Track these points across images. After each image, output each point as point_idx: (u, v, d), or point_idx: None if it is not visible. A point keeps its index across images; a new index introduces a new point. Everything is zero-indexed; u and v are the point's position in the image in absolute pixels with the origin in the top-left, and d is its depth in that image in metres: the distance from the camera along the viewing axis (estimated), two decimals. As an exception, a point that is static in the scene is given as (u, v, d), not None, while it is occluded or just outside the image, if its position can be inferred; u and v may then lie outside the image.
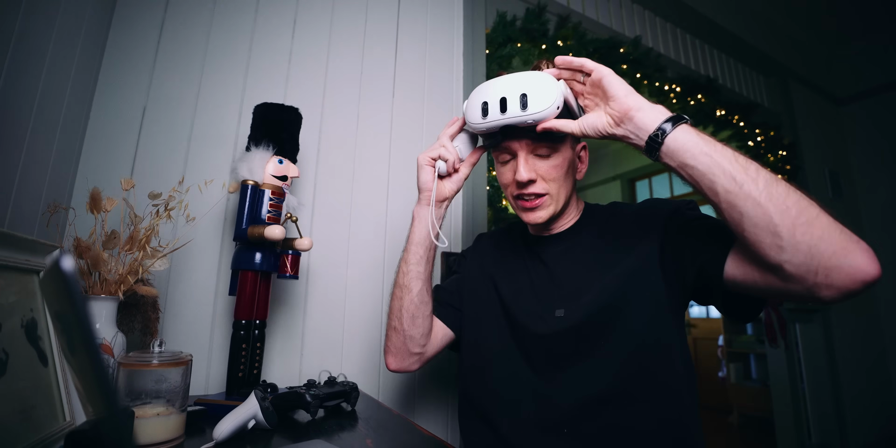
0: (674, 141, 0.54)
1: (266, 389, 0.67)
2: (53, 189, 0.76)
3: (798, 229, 0.48)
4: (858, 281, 0.46)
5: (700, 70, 2.23)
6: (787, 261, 0.49)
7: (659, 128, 0.55)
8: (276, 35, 1.11)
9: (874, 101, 3.02)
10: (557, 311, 0.71)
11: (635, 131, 0.57)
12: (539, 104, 0.63)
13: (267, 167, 0.79)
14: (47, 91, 0.70)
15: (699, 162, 0.53)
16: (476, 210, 1.30)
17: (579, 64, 0.63)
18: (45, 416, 0.48)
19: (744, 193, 0.50)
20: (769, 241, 0.49)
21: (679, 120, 0.56)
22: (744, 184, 0.50)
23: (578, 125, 0.62)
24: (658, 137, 0.55)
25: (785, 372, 2.25)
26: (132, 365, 0.54)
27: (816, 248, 0.47)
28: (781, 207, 0.48)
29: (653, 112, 0.57)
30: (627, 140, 0.59)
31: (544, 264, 0.77)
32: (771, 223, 0.49)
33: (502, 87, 0.66)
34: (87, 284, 0.68)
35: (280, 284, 1.00)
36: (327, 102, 1.14)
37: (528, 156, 0.71)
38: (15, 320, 0.48)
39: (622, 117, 0.58)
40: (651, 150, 0.56)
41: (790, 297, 0.54)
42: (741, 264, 0.56)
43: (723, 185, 0.51)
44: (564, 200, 0.74)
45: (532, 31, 1.52)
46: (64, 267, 0.25)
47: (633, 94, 0.58)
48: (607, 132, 0.60)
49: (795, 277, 0.49)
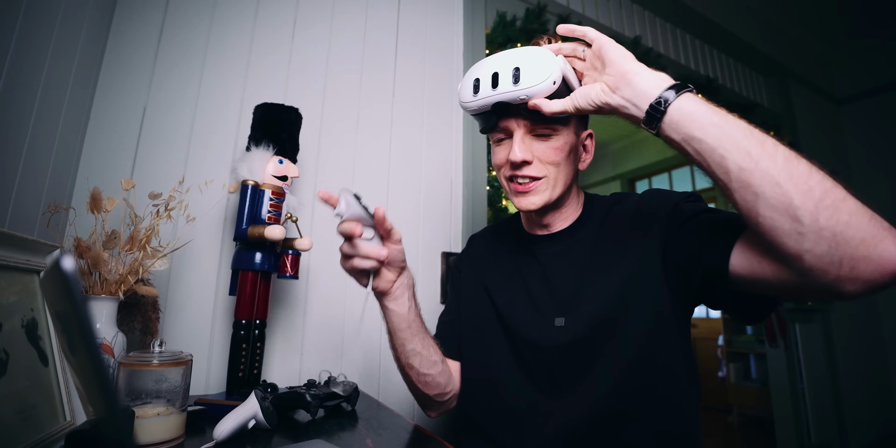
0: (678, 110, 0.48)
1: (266, 389, 0.67)
2: (54, 189, 0.76)
3: (822, 213, 0.41)
4: (888, 272, 0.40)
5: (700, 70, 2.23)
6: (808, 250, 0.42)
7: (661, 95, 0.49)
8: (276, 35, 1.11)
9: (874, 101, 3.03)
10: (557, 319, 0.68)
11: (633, 99, 0.51)
12: (532, 78, 0.57)
13: (267, 167, 0.79)
14: (47, 91, 0.70)
15: (708, 134, 0.46)
16: (476, 210, 1.31)
17: (581, 32, 0.57)
18: (45, 416, 0.48)
19: (760, 171, 0.43)
20: (788, 226, 0.42)
21: (683, 87, 0.49)
22: (760, 160, 0.44)
23: (571, 98, 0.56)
24: (660, 105, 0.48)
25: (785, 372, 2.26)
26: (132, 365, 0.54)
27: (843, 236, 0.41)
28: (803, 188, 0.42)
29: (654, 78, 0.51)
30: (624, 111, 0.52)
31: (540, 265, 0.73)
32: (791, 206, 0.42)
33: (495, 63, 0.61)
34: (87, 284, 0.68)
35: (280, 284, 1.00)
36: (327, 102, 1.14)
37: (526, 136, 0.65)
38: (15, 320, 0.48)
39: (618, 82, 0.52)
40: (651, 120, 0.50)
41: (803, 294, 0.47)
42: (749, 258, 0.50)
43: (735, 162, 0.45)
44: (563, 188, 0.68)
45: (532, 31, 1.52)
46: (64, 267, 0.25)
47: (633, 60, 0.52)
48: (601, 100, 0.53)
49: (816, 270, 0.42)
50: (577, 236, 0.72)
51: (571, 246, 0.72)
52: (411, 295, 0.69)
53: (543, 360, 0.68)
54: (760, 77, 2.62)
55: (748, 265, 0.50)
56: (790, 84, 2.69)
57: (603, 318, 0.64)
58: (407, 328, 0.68)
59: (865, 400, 2.56)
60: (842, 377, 2.45)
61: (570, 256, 0.71)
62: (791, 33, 2.87)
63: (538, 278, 0.73)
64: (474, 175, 1.32)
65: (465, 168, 1.31)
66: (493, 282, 0.79)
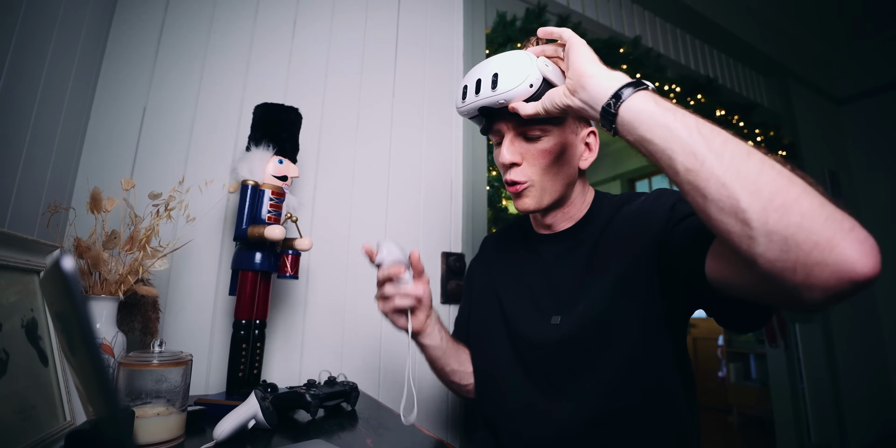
0: (628, 111, 0.47)
1: (266, 389, 0.67)
2: (54, 189, 0.76)
3: (771, 215, 0.38)
4: (846, 280, 0.36)
5: (700, 70, 2.23)
6: (760, 254, 0.39)
7: (613, 96, 0.48)
8: (276, 35, 1.11)
9: (874, 102, 3.03)
10: (553, 317, 0.69)
11: (588, 101, 0.51)
12: (508, 83, 0.60)
13: (267, 167, 0.79)
14: (47, 91, 0.70)
15: (655, 135, 0.45)
16: (476, 210, 1.31)
17: (558, 34, 0.58)
18: (45, 416, 0.48)
19: (706, 171, 0.41)
20: (738, 230, 0.40)
21: (638, 86, 0.48)
22: (705, 160, 0.41)
23: (541, 101, 0.57)
24: (610, 107, 0.48)
25: (785, 372, 2.26)
26: (132, 365, 0.54)
27: (794, 239, 0.37)
28: (751, 188, 0.39)
29: (608, 79, 0.50)
30: (584, 113, 0.53)
31: (543, 264, 0.74)
32: (738, 208, 0.39)
33: (479, 69, 0.65)
34: (87, 284, 0.68)
35: (280, 284, 1.00)
36: (327, 102, 1.14)
37: (515, 138, 0.67)
38: (15, 320, 0.48)
39: (575, 85, 0.52)
40: (606, 122, 0.50)
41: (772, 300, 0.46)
42: (720, 262, 0.49)
43: (682, 163, 0.43)
44: (558, 191, 0.69)
45: (532, 31, 1.52)
46: (64, 267, 0.25)
47: (591, 62, 0.52)
48: (563, 103, 0.54)
49: (773, 275, 0.39)
50: (581, 237, 0.72)
51: (574, 246, 0.72)
52: (441, 326, 0.76)
53: (540, 358, 0.69)
54: (760, 77, 2.62)
55: (720, 269, 0.49)
56: (790, 84, 2.68)
57: (596, 317, 0.64)
58: (443, 355, 0.77)
59: (865, 400, 2.56)
60: (842, 377, 2.44)
61: (572, 256, 0.72)
62: (791, 33, 2.87)
63: (540, 277, 0.74)
64: (474, 175, 1.32)
65: (465, 168, 1.31)
66: (501, 283, 0.81)
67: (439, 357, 0.77)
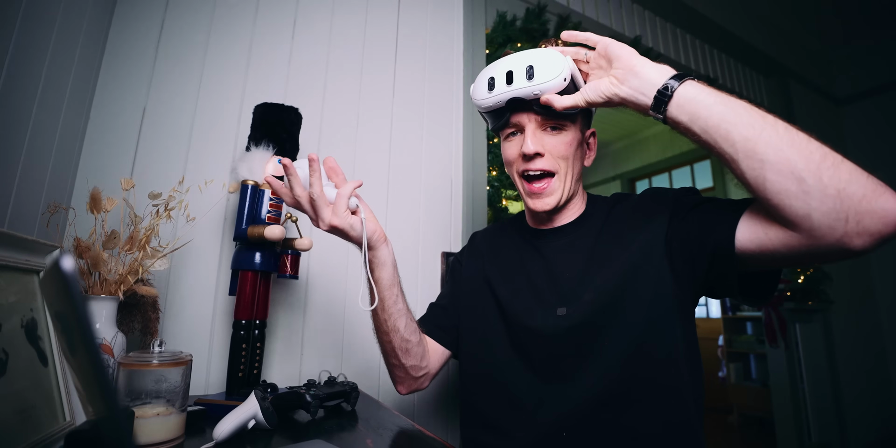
0: (683, 93, 0.53)
1: (266, 389, 0.67)
2: (53, 189, 0.76)
3: (825, 173, 0.46)
4: (892, 224, 0.44)
5: (700, 70, 2.23)
6: (815, 208, 0.46)
7: (671, 78, 0.54)
8: (276, 35, 1.11)
9: (874, 101, 3.03)
10: (559, 309, 0.70)
11: (640, 88, 0.56)
12: (546, 74, 0.63)
13: (267, 167, 0.79)
14: (47, 91, 0.70)
15: (713, 111, 0.51)
16: (476, 210, 1.30)
17: (584, 37, 0.62)
18: (45, 416, 0.48)
19: (764, 139, 0.49)
20: (794, 187, 0.47)
21: (685, 76, 0.55)
22: (763, 130, 0.49)
23: (582, 93, 0.61)
24: (667, 90, 0.54)
25: (785, 372, 2.26)
26: (132, 365, 0.54)
27: (846, 192, 0.45)
28: (804, 152, 0.47)
29: (659, 68, 0.56)
30: (632, 100, 0.57)
31: (543, 259, 0.75)
32: (795, 168, 0.47)
33: (509, 62, 0.66)
34: (87, 284, 0.68)
35: (280, 284, 1.00)
36: (327, 102, 1.14)
37: (537, 130, 0.69)
38: (15, 320, 0.48)
39: (626, 74, 0.57)
40: (659, 105, 0.54)
41: (813, 257, 0.51)
42: (755, 229, 0.54)
43: (740, 133, 0.50)
44: (572, 185, 0.72)
45: (532, 31, 1.52)
46: (64, 267, 0.25)
47: (638, 55, 0.58)
48: (611, 92, 0.58)
49: (824, 227, 0.46)
50: (581, 231, 0.75)
51: (575, 240, 0.74)
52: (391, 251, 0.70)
53: (544, 346, 0.70)
54: (760, 77, 2.62)
55: (755, 237, 0.54)
56: (790, 84, 2.69)
57: (604, 305, 0.66)
58: (394, 285, 0.70)
59: (866, 399, 2.56)
60: (842, 377, 2.45)
61: (573, 250, 0.73)
62: (791, 34, 2.87)
63: (541, 271, 0.75)
64: (474, 175, 1.32)
65: (465, 168, 1.31)
66: (495, 276, 0.81)
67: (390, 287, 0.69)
